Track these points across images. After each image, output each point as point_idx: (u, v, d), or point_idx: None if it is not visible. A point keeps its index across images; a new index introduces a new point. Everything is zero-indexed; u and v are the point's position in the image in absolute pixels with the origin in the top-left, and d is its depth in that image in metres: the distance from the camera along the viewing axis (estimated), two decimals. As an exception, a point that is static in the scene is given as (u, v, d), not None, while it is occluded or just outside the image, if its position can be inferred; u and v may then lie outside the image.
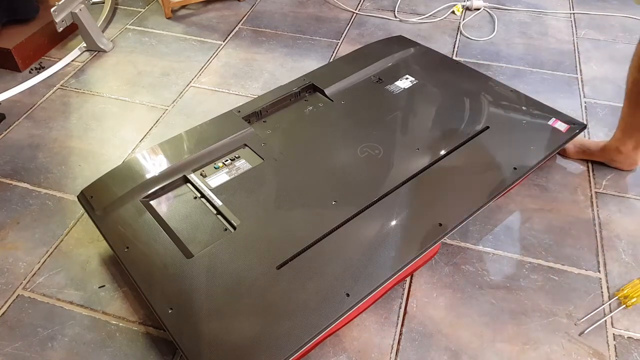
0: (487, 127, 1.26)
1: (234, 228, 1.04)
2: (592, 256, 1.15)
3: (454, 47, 1.82)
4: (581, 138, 1.28)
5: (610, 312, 1.04)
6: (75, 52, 1.77)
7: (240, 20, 1.97)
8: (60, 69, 1.71)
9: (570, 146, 1.25)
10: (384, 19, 1.98)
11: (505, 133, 1.25)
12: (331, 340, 1.00)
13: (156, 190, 1.12)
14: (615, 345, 1.00)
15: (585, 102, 1.57)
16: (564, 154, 1.28)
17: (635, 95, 1.08)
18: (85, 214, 1.19)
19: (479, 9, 2.02)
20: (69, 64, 1.74)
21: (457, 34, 1.89)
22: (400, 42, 1.61)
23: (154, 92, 1.62)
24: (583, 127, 1.27)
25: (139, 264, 0.99)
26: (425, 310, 1.05)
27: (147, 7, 2.04)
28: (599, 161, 1.25)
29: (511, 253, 1.15)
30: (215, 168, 1.17)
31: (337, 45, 1.83)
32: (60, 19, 1.68)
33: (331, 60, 1.76)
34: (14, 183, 1.32)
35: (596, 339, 1.00)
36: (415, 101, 1.36)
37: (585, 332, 1.01)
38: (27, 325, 1.03)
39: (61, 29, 1.70)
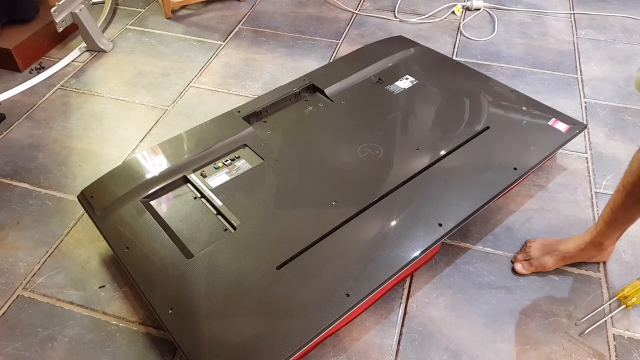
0: (487, 128, 1.26)
1: (234, 228, 1.04)
2: (592, 256, 1.14)
3: (454, 47, 1.82)
4: (555, 242, 1.11)
5: (610, 312, 1.04)
6: (75, 52, 1.77)
7: (241, 21, 1.97)
8: (60, 69, 1.71)
9: (547, 259, 1.09)
10: (384, 19, 1.98)
11: (506, 133, 1.25)
12: (331, 340, 1.00)
13: (156, 191, 1.12)
14: (615, 345, 1.00)
15: (585, 102, 1.57)
16: (542, 270, 1.10)
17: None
18: (85, 214, 1.19)
19: (479, 9, 2.02)
20: (69, 64, 1.74)
21: (457, 34, 1.89)
22: (400, 42, 1.61)
23: (154, 92, 1.62)
24: (583, 127, 1.27)
25: (139, 264, 0.99)
26: (425, 310, 1.05)
27: (147, 7, 2.04)
28: (577, 262, 1.12)
29: (511, 253, 1.15)
30: (216, 168, 1.17)
31: (337, 45, 1.83)
32: (60, 19, 1.68)
33: (331, 60, 1.76)
34: (14, 183, 1.32)
35: (596, 339, 1.00)
36: (416, 101, 1.36)
37: (586, 332, 1.01)
38: (27, 326, 1.03)
39: (61, 29, 1.70)
